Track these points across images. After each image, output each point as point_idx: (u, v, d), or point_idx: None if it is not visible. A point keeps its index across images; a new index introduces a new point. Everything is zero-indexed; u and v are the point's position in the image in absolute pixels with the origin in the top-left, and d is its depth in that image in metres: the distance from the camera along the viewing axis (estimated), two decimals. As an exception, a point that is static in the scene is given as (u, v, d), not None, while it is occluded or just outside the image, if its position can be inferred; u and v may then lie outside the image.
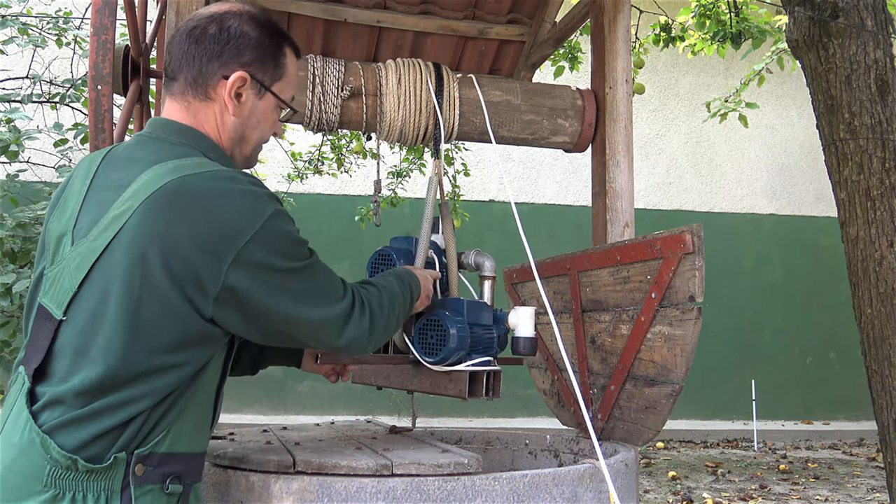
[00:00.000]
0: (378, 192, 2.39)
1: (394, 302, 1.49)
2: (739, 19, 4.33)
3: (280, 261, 1.23)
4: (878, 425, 2.67)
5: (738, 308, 8.19)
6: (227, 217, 1.18)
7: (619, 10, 2.26)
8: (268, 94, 1.37)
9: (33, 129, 3.72)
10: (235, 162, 1.39)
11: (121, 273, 1.15)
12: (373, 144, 5.46)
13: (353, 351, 1.40)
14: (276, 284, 1.23)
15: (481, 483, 1.43)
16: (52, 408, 1.15)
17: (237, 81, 1.32)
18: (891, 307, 2.61)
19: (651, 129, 8.46)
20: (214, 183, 1.20)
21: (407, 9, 2.45)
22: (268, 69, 1.36)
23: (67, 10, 4.67)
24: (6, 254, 3.51)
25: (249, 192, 1.21)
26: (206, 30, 1.32)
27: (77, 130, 3.91)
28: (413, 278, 1.63)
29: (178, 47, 1.33)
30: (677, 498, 4.88)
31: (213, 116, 1.34)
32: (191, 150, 1.28)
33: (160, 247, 1.15)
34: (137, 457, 1.16)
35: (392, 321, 1.48)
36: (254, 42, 1.33)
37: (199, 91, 1.32)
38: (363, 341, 1.38)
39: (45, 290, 1.22)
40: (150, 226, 1.15)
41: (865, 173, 2.68)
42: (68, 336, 1.18)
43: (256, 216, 1.20)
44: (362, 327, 1.37)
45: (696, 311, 1.65)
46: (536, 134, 2.33)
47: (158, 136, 1.31)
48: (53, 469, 1.12)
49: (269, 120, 1.40)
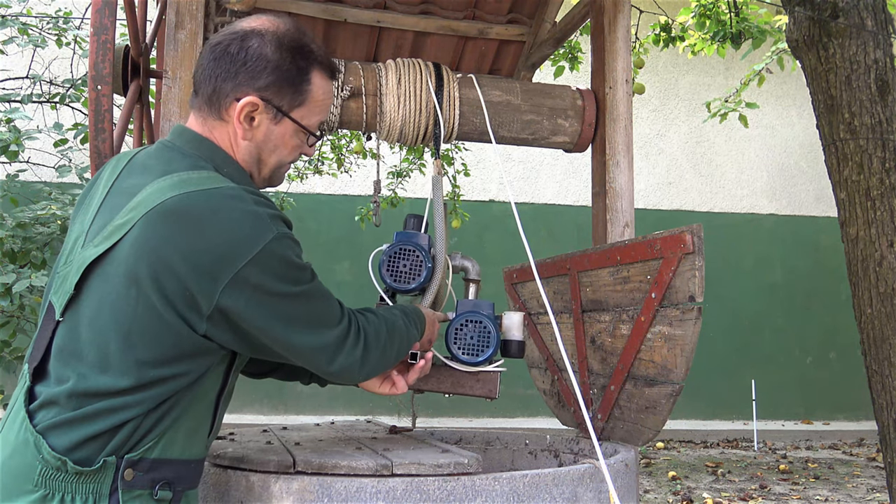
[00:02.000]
0: (378, 192, 2.40)
1: (392, 335, 1.44)
2: (739, 19, 4.33)
3: (277, 285, 1.20)
4: (878, 425, 2.67)
5: (738, 308, 8.19)
6: (226, 239, 1.15)
7: (619, 10, 2.26)
8: (285, 120, 1.32)
9: (33, 129, 3.73)
10: (255, 181, 1.36)
11: (117, 285, 1.15)
12: (373, 144, 5.47)
13: (343, 379, 1.37)
14: (271, 308, 1.20)
15: (481, 483, 1.43)
16: (47, 408, 1.16)
17: (248, 106, 1.28)
18: (891, 307, 2.61)
19: (651, 129, 8.46)
20: (216, 201, 1.17)
21: (407, 9, 2.45)
22: (285, 94, 1.30)
23: (67, 10, 4.67)
24: (6, 254, 3.51)
25: (251, 213, 1.18)
26: (228, 48, 1.28)
27: (77, 130, 3.91)
28: (420, 319, 1.58)
29: (202, 60, 1.31)
30: (677, 498, 4.88)
31: (228, 136, 1.31)
32: (203, 162, 1.26)
33: (156, 264, 1.14)
34: (127, 461, 1.16)
35: (389, 355, 1.43)
36: (272, 66, 1.28)
37: (213, 110, 1.30)
38: (354, 371, 1.34)
39: (56, 288, 1.23)
40: (147, 242, 1.15)
41: (865, 173, 2.68)
42: (64, 338, 1.18)
43: (257, 239, 1.17)
44: (354, 356, 1.33)
45: (696, 311, 1.65)
46: (536, 134, 2.33)
47: (175, 144, 1.30)
48: (44, 469, 1.12)
49: (288, 144, 1.35)
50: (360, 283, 7.41)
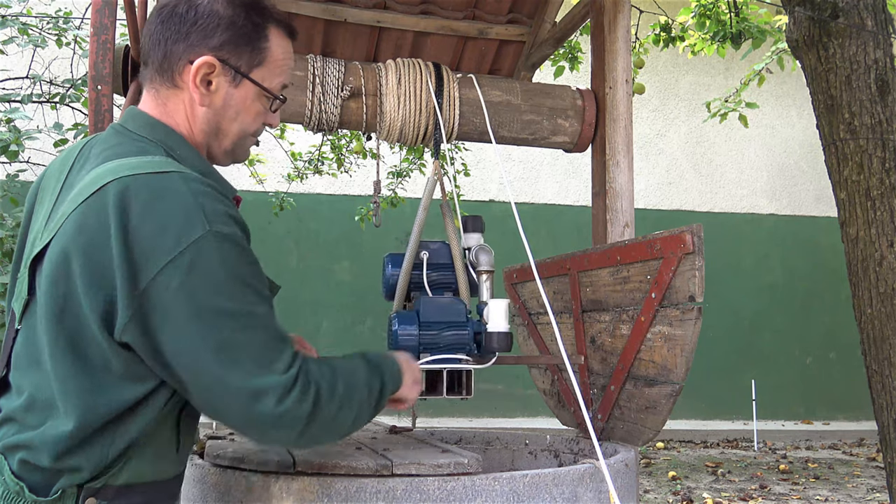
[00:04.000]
0: (378, 192, 2.40)
1: (351, 393, 1.16)
2: (739, 19, 4.33)
3: (205, 295, 1.01)
4: (878, 425, 2.67)
5: (738, 308, 8.19)
6: (152, 233, 1.00)
7: (619, 10, 2.26)
8: (245, 82, 1.20)
9: (33, 129, 3.72)
10: (215, 157, 1.24)
11: (47, 284, 1.03)
12: (373, 144, 5.46)
13: (276, 439, 1.12)
14: (194, 324, 1.01)
15: (481, 483, 1.43)
16: (7, 425, 1.07)
17: (203, 67, 1.16)
18: (891, 307, 2.61)
19: (651, 129, 8.46)
20: (150, 189, 1.02)
21: (407, 9, 2.45)
22: (243, 53, 1.18)
23: (67, 10, 4.67)
24: (6, 254, 3.51)
25: (187, 205, 1.02)
26: (175, 9, 1.17)
27: (77, 130, 3.91)
28: (390, 366, 1.30)
29: (148, 28, 1.19)
30: (677, 498, 4.88)
31: (183, 106, 1.19)
32: (152, 146, 1.13)
33: (81, 261, 1.01)
34: (88, 490, 1.04)
35: (345, 417, 1.15)
36: (225, 22, 1.17)
37: (165, 77, 1.18)
38: (294, 432, 1.08)
39: (16, 294, 1.13)
40: (75, 236, 1.02)
41: (865, 173, 2.68)
42: (22, 345, 1.09)
43: (187, 234, 1.00)
44: (300, 412, 1.06)
45: (696, 311, 1.65)
46: (536, 134, 2.33)
47: (125, 128, 1.18)
48: (5, 493, 1.02)
49: (250, 110, 1.22)
50: (360, 284, 7.41)
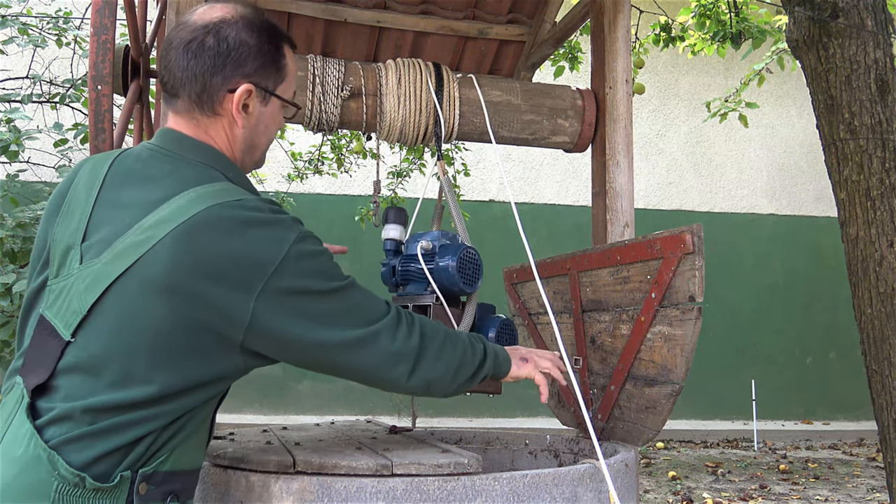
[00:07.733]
0: (378, 192, 2.40)
1: (454, 337, 1.39)
2: (739, 19, 4.34)
3: (312, 283, 1.20)
4: (878, 425, 2.67)
5: (738, 308, 8.19)
6: (254, 248, 1.15)
7: (619, 10, 2.26)
8: (273, 99, 1.34)
9: (33, 129, 3.73)
10: (245, 168, 1.37)
11: (143, 303, 1.13)
12: (373, 144, 5.46)
13: (397, 377, 1.30)
14: (308, 309, 1.20)
15: (481, 483, 1.43)
16: (58, 423, 1.13)
17: (243, 94, 1.28)
18: (891, 307, 2.61)
19: (651, 129, 8.46)
20: (239, 213, 1.17)
21: (407, 9, 2.45)
22: (270, 74, 1.32)
23: (67, 10, 4.67)
24: (6, 254, 3.51)
25: (271, 221, 1.18)
26: (204, 43, 1.26)
27: (77, 130, 3.91)
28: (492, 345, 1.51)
29: (175, 62, 1.27)
30: (677, 498, 4.88)
31: (223, 131, 1.31)
32: (211, 170, 1.25)
33: (186, 281, 1.13)
34: (142, 476, 1.15)
35: (449, 356, 1.36)
36: (255, 50, 1.29)
37: (205, 108, 1.28)
38: (408, 366, 1.29)
39: (49, 302, 1.19)
40: (177, 259, 1.13)
41: (865, 173, 2.68)
42: (77, 357, 1.15)
43: (282, 242, 1.17)
44: (410, 345, 1.29)
45: (696, 311, 1.65)
46: (536, 134, 2.33)
47: (174, 152, 1.27)
48: (61, 486, 1.10)
49: (275, 122, 1.38)
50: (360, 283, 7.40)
